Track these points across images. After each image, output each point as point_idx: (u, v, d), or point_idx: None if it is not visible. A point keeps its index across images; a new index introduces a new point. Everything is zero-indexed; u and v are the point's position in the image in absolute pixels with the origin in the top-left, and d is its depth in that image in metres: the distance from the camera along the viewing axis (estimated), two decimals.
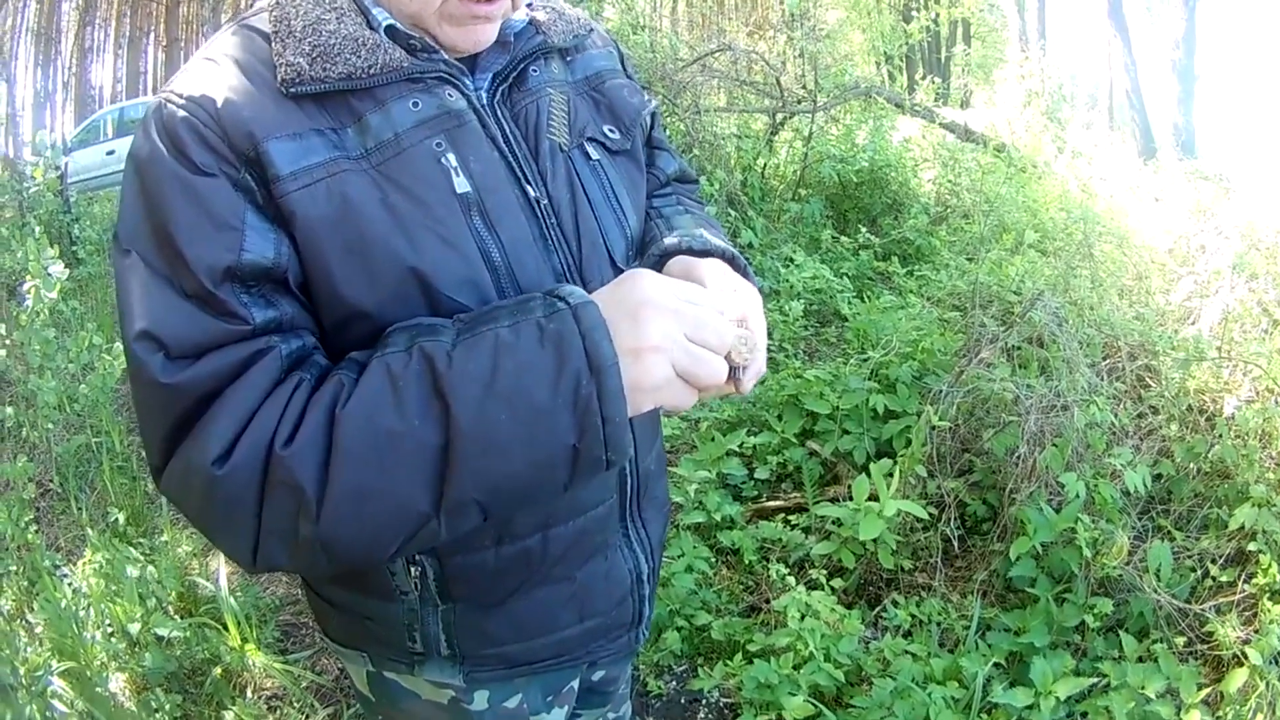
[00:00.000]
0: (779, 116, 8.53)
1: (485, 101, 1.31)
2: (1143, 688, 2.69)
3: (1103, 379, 4.02)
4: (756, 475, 4.47)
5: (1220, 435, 3.62)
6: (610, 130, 1.46)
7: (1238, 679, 2.65)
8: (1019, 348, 4.13)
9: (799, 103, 8.48)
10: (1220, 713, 2.67)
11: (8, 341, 4.92)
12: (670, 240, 1.43)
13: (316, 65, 1.15)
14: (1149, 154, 9.64)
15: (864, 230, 7.05)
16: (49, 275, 4.43)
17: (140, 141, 1.14)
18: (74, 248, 8.83)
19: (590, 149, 1.41)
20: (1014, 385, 3.78)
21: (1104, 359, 4.18)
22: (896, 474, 3.58)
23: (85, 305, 7.38)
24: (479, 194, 1.22)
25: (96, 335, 5.26)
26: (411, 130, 1.20)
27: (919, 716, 2.85)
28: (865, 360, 4.58)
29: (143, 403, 1.12)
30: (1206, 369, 4.05)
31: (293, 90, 1.15)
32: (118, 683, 3.25)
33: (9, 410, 4.94)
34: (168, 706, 3.08)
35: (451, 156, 1.21)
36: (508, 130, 1.31)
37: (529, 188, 1.29)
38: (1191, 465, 3.67)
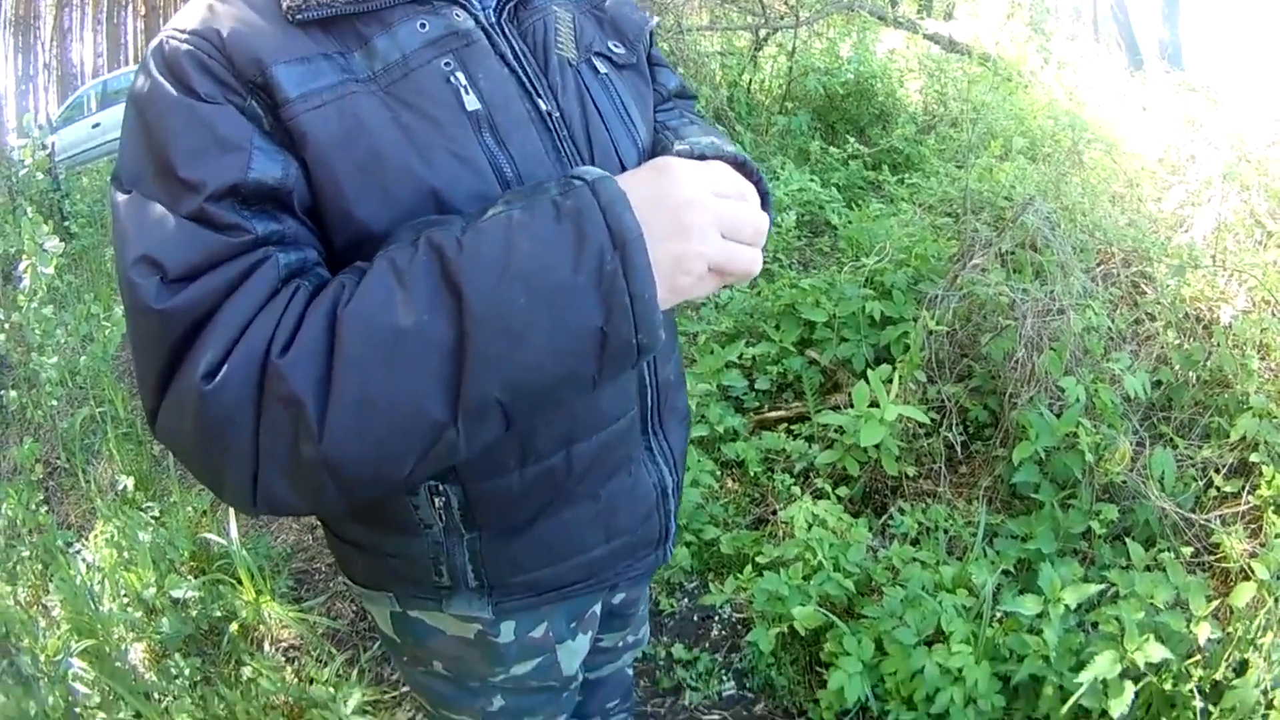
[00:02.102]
0: (762, 33, 8.35)
1: (493, 20, 1.24)
2: (1151, 597, 2.61)
3: (1098, 284, 3.90)
4: (757, 386, 4.37)
5: (1218, 344, 3.51)
6: (615, 46, 1.41)
7: (1245, 593, 2.56)
8: (1012, 253, 4.00)
9: (781, 18, 8.29)
10: (1230, 628, 2.57)
11: (6, 326, 4.77)
12: (681, 147, 1.35)
13: None
14: (1135, 66, 9.43)
15: (853, 140, 6.89)
16: (45, 251, 4.26)
17: (140, 80, 1.06)
18: (66, 223, 8.61)
19: (598, 63, 1.36)
20: (1009, 289, 3.65)
21: (1098, 265, 4.07)
22: (896, 379, 3.48)
23: (81, 278, 7.31)
24: (489, 110, 1.16)
25: (95, 305, 5.17)
26: (419, 51, 1.13)
27: (930, 625, 2.78)
28: (860, 268, 4.46)
29: (137, 336, 1.01)
30: (1201, 277, 3.94)
31: (299, 17, 1.08)
32: (136, 653, 3.19)
33: (12, 394, 4.86)
34: (187, 671, 2.99)
35: (460, 75, 1.15)
36: (516, 47, 1.24)
37: (540, 101, 1.22)
38: (1190, 374, 3.58)
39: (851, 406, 3.50)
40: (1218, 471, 3.16)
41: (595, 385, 1.01)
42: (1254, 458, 3.06)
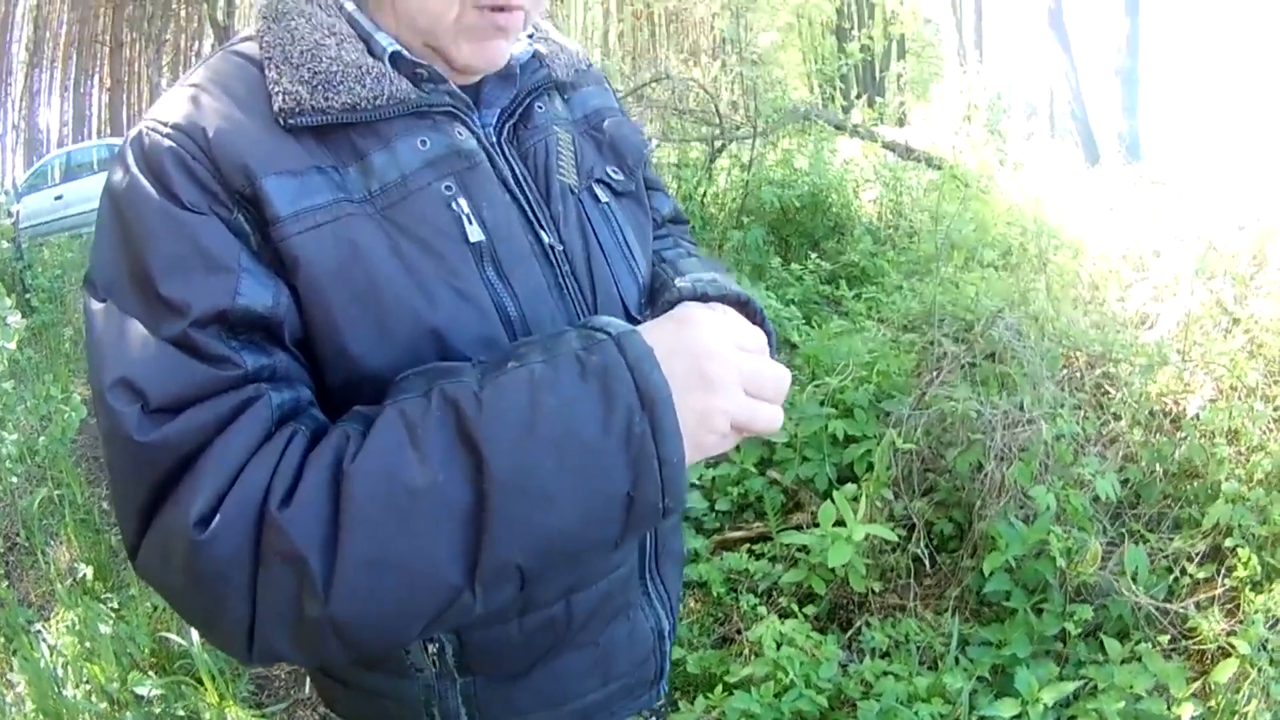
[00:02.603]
0: (718, 144, 8.68)
1: (493, 140, 1.26)
2: (1131, 687, 2.80)
3: (1064, 389, 4.20)
4: (717, 507, 4.55)
5: (1186, 436, 3.80)
6: (614, 171, 1.43)
7: (1227, 669, 2.76)
8: (976, 365, 4.28)
9: (737, 129, 8.61)
10: (1213, 704, 2.82)
11: None
12: (684, 285, 1.36)
13: (318, 94, 1.09)
14: (1093, 160, 9.92)
15: (814, 256, 7.20)
16: (7, 325, 4.41)
17: (118, 175, 1.06)
18: (27, 295, 8.83)
19: (598, 191, 1.38)
20: (978, 403, 3.93)
21: (1062, 369, 4.36)
22: (863, 498, 3.70)
23: (40, 354, 7.44)
24: (492, 242, 1.17)
25: (53, 387, 5.28)
26: (420, 172, 1.14)
27: None
28: (820, 386, 4.66)
29: (116, 467, 1.01)
30: (1169, 372, 4.24)
31: (291, 121, 1.08)
32: None
33: None
34: None
35: (463, 201, 1.16)
36: (518, 171, 1.27)
37: (542, 233, 1.25)
38: (1158, 468, 3.84)
39: (814, 525, 3.70)
40: (1190, 560, 3.37)
41: (616, 548, 1.04)
42: (1228, 542, 3.27)
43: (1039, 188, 7.59)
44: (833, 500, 3.63)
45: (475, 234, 1.15)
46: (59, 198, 18.55)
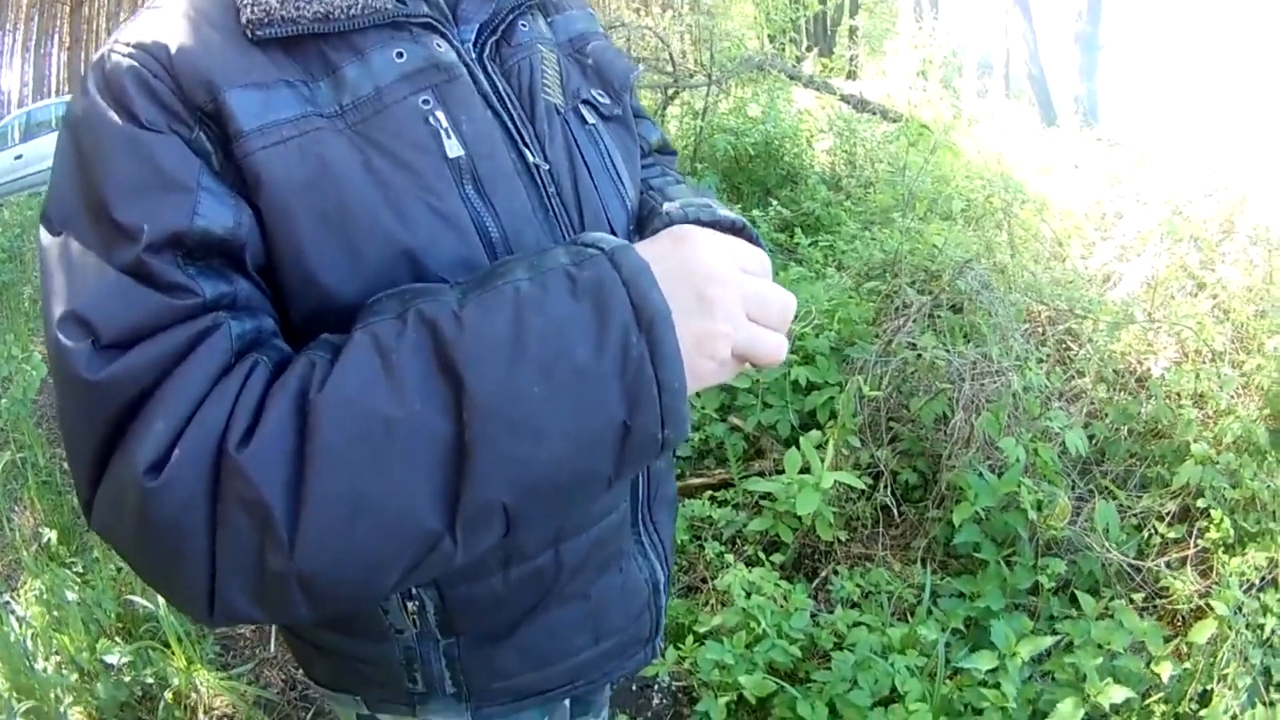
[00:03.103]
0: (670, 91, 8.58)
1: (473, 56, 1.16)
2: (1108, 643, 2.78)
3: (1029, 344, 4.15)
4: (677, 453, 4.47)
5: (1153, 396, 3.77)
6: (600, 95, 1.34)
7: (1206, 629, 2.76)
8: (941, 315, 4.22)
9: (691, 77, 8.55)
10: (1190, 664, 2.77)
11: None
12: (674, 209, 1.31)
13: (288, 4, 0.99)
14: (1050, 122, 9.94)
15: (774, 203, 7.14)
16: None
17: (76, 100, 0.98)
18: None
19: (585, 112, 1.29)
20: (946, 352, 3.87)
21: (1024, 324, 4.32)
22: (830, 445, 3.63)
23: (0, 314, 7.25)
24: (472, 158, 1.08)
25: (14, 346, 5.16)
26: (395, 85, 1.04)
27: (884, 687, 2.90)
28: None
29: (67, 412, 0.91)
30: (1133, 332, 4.21)
31: (259, 33, 0.99)
32: (75, 717, 3.19)
33: None
34: None
35: (441, 115, 1.06)
36: (500, 88, 1.17)
37: (526, 152, 1.15)
38: (1123, 428, 3.81)
39: (776, 472, 3.64)
40: (1160, 520, 3.37)
41: (611, 485, 0.94)
42: (1200, 503, 3.27)
43: (999, 144, 7.56)
44: (798, 447, 3.57)
45: (454, 149, 1.06)
46: (19, 157, 18.23)
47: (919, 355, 3.96)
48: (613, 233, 1.23)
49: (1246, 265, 4.43)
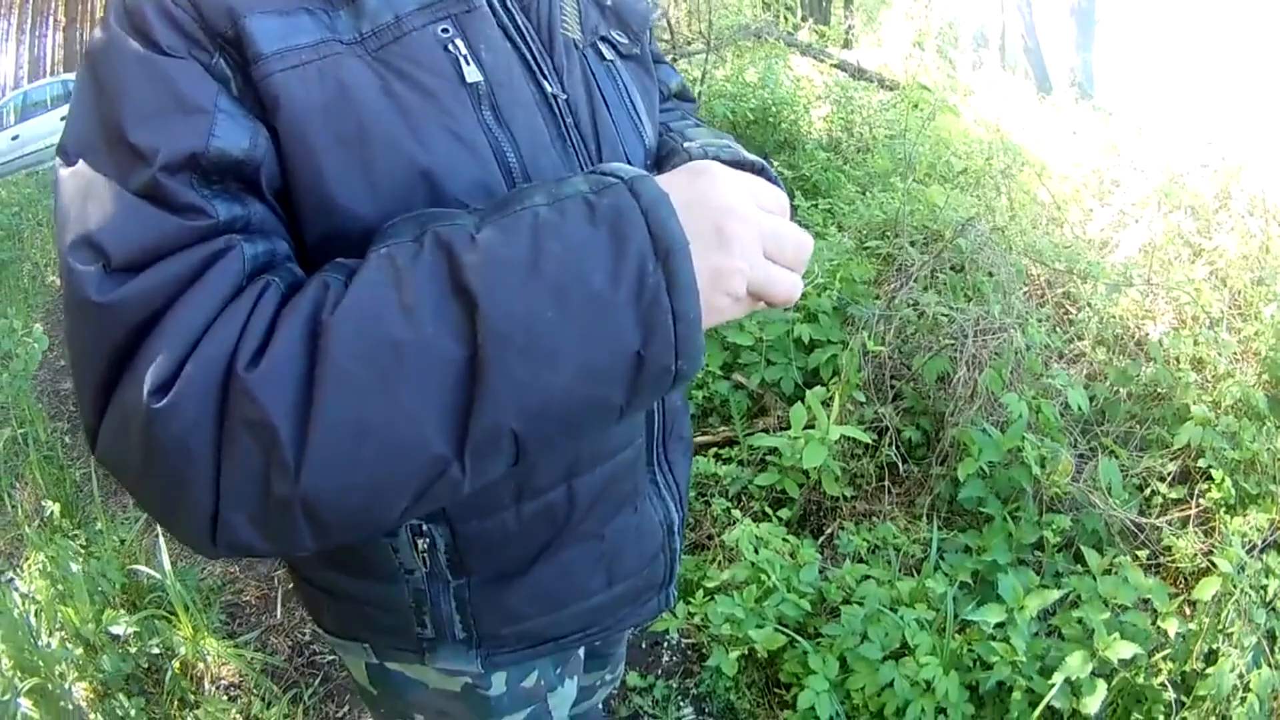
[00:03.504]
0: (670, 58, 8.54)
1: None
2: (1115, 598, 2.80)
3: (1028, 305, 4.15)
4: None
5: (1153, 359, 3.76)
6: (619, 34, 1.34)
7: (1210, 586, 2.77)
8: (942, 274, 4.21)
9: (689, 44, 8.49)
10: (1196, 622, 2.77)
11: None
12: (694, 148, 1.32)
13: None
14: (1045, 92, 9.91)
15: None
16: None
17: (97, 34, 0.96)
18: None
19: (603, 49, 1.29)
20: (949, 309, 3.86)
21: (1023, 287, 4.31)
22: (836, 399, 3.62)
23: (0, 293, 7.29)
24: (490, 85, 1.06)
25: (15, 320, 5.12)
26: (414, 14, 1.03)
27: (894, 640, 2.92)
28: None
29: (76, 338, 0.89)
30: (1131, 296, 4.20)
31: None
32: (79, 692, 3.14)
33: None
34: (133, 713, 2.98)
35: (460, 43, 1.05)
36: (519, 21, 1.14)
37: (545, 83, 1.14)
38: (1123, 390, 3.81)
39: (781, 429, 3.64)
40: (1162, 480, 3.39)
41: (622, 416, 0.92)
42: (1201, 463, 3.29)
43: (996, 112, 7.53)
44: (802, 403, 3.57)
45: (473, 74, 1.05)
46: (15, 138, 18.38)
47: (920, 314, 3.95)
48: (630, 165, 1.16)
49: (1244, 234, 4.43)
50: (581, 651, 1.63)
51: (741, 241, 0.92)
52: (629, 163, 1.18)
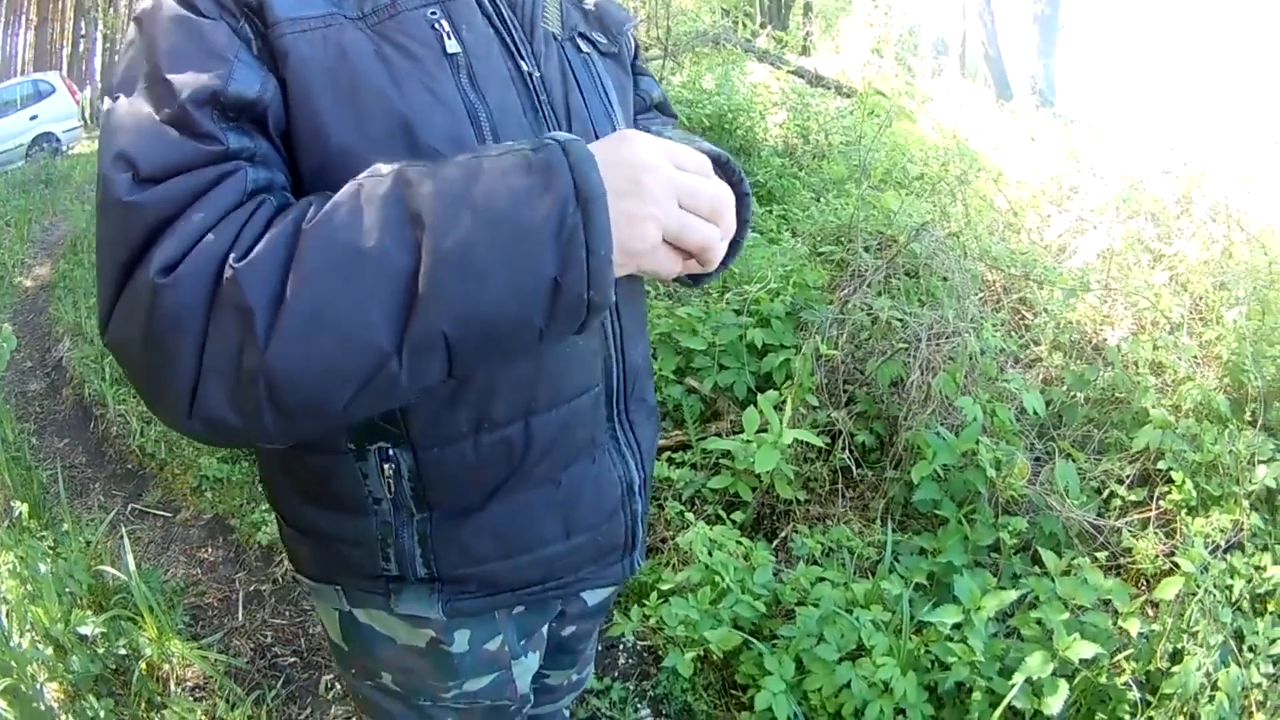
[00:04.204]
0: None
1: None
2: (1074, 599, 2.78)
3: (983, 310, 4.15)
4: None
5: (1111, 364, 3.76)
6: (599, 35, 1.49)
7: (1173, 585, 2.75)
8: (896, 279, 4.21)
9: (647, 49, 8.49)
10: (1160, 622, 2.76)
11: None
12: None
13: None
14: (1005, 100, 9.97)
15: None
16: None
17: (145, 2, 1.13)
18: None
19: (581, 43, 1.44)
20: (903, 314, 3.85)
21: (978, 293, 4.31)
22: (788, 403, 3.60)
23: None
24: (469, 57, 1.24)
25: None
26: None
27: (850, 641, 2.89)
28: (739, 296, 4.60)
29: (103, 234, 1.06)
30: (1088, 301, 4.21)
31: None
32: (50, 692, 3.14)
33: None
34: (102, 714, 2.98)
35: (444, 23, 1.24)
36: (504, 13, 1.33)
37: (521, 62, 1.31)
38: (1079, 394, 3.81)
39: (734, 433, 3.62)
40: (1120, 483, 3.37)
41: (542, 339, 1.06)
42: (1161, 465, 3.27)
43: (954, 118, 7.57)
44: (756, 406, 3.56)
45: (453, 47, 1.23)
46: None
47: (874, 319, 3.95)
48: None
49: (1205, 240, 4.45)
50: (545, 630, 1.69)
51: (654, 191, 1.06)
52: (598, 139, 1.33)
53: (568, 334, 1.08)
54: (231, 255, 0.98)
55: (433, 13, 1.24)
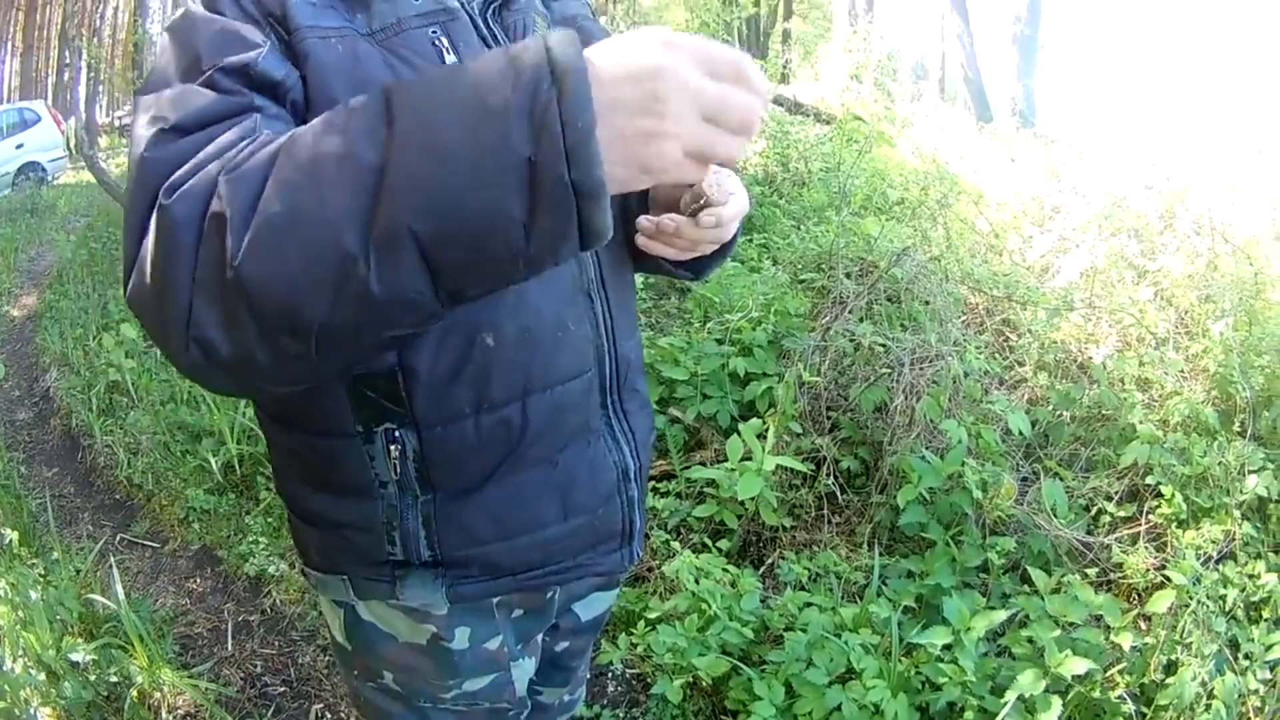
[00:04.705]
0: None
1: (478, 11, 1.41)
2: (1065, 616, 2.76)
3: (966, 332, 4.16)
4: None
5: (1096, 381, 3.77)
6: None
7: (1165, 599, 2.73)
8: (878, 304, 4.22)
9: None
10: (1153, 635, 2.75)
11: None
12: None
13: None
14: (985, 122, 10.01)
15: None
16: None
17: (177, 16, 1.24)
18: None
19: None
20: (885, 338, 3.86)
21: (961, 315, 4.32)
22: (771, 431, 3.60)
23: None
24: None
25: None
26: (412, 19, 1.33)
27: (839, 665, 2.86)
28: (721, 325, 4.61)
29: (131, 185, 1.10)
30: (1072, 320, 4.22)
31: None
32: (43, 717, 3.15)
33: None
34: None
35: (444, 40, 1.33)
36: (498, 34, 1.42)
37: None
38: (1065, 413, 3.81)
39: (718, 462, 3.61)
40: (1108, 499, 3.35)
41: (529, 241, 0.96)
42: (1150, 479, 3.26)
43: (934, 142, 7.60)
44: (739, 434, 3.54)
45: (451, 59, 1.32)
46: None
47: (856, 345, 3.95)
48: None
49: (1189, 254, 4.47)
50: (540, 639, 1.75)
51: (674, 108, 0.94)
52: None
53: (563, 237, 0.97)
54: (224, 170, 1.01)
55: (433, 31, 1.33)
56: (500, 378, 1.36)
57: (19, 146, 20.79)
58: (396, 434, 1.36)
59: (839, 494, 3.76)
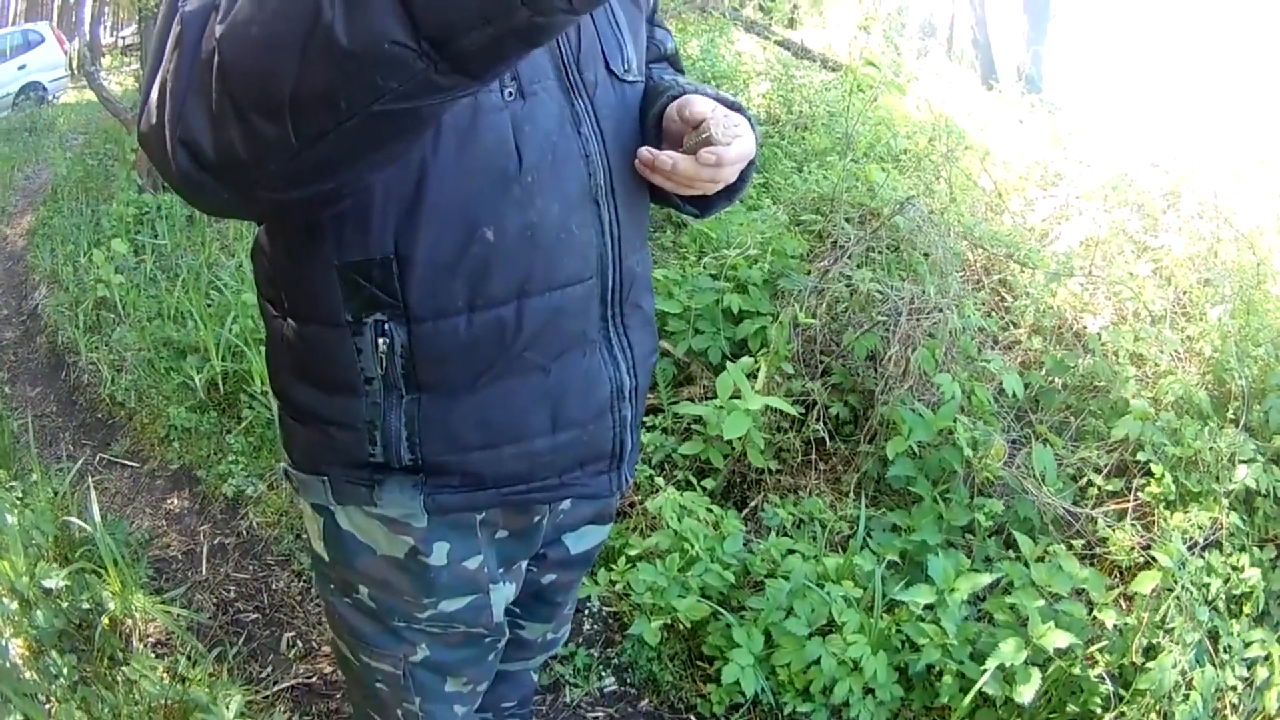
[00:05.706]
0: None
1: None
2: (1049, 586, 2.73)
3: (964, 288, 4.07)
4: None
5: (1091, 351, 3.69)
6: None
7: (1150, 579, 2.70)
8: (876, 253, 4.12)
9: None
10: (1135, 616, 2.69)
11: None
12: (685, 83, 1.47)
13: None
14: (990, 85, 9.89)
15: None
16: None
17: None
18: None
19: None
20: (883, 287, 3.76)
21: (959, 272, 4.22)
22: (762, 371, 3.52)
23: None
24: None
25: None
26: None
27: (820, 616, 2.84)
28: (717, 261, 4.52)
29: (156, 41, 1.08)
30: (1070, 288, 4.14)
31: None
32: (14, 648, 3.07)
33: None
34: (65, 670, 2.90)
35: None
36: None
37: None
38: (1058, 379, 3.73)
39: (706, 399, 3.53)
40: (1097, 471, 3.31)
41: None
42: (1140, 456, 3.22)
43: (942, 96, 7.48)
44: (730, 372, 3.47)
45: None
46: None
47: (853, 290, 3.86)
48: (604, 57, 1.40)
49: (1192, 236, 4.39)
50: (525, 566, 1.71)
51: None
52: (604, 53, 1.40)
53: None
54: None
55: None
56: (498, 274, 1.32)
57: (21, 67, 20.86)
58: (386, 326, 1.32)
59: (827, 440, 3.71)
